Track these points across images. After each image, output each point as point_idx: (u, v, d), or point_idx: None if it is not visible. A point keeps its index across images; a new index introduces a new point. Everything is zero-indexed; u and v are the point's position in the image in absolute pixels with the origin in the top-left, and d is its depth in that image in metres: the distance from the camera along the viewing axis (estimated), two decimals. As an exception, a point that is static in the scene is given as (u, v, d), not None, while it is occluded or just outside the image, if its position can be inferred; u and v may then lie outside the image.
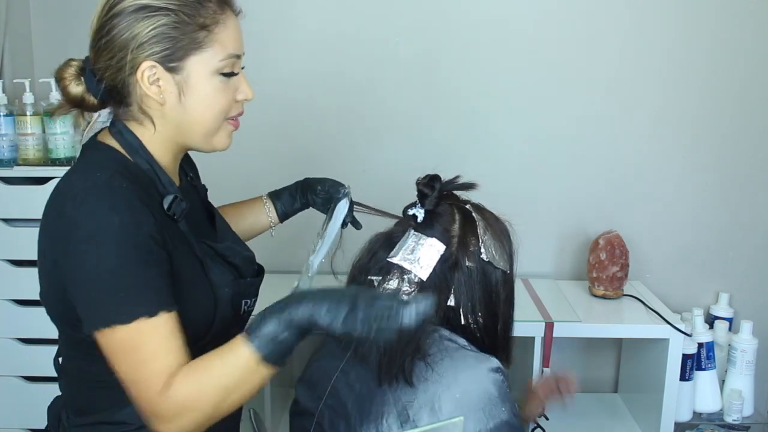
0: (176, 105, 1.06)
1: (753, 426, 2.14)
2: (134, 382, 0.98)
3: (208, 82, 1.05)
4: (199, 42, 1.03)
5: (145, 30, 1.01)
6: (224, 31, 1.06)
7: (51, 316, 1.12)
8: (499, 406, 1.12)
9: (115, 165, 1.05)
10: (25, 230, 1.86)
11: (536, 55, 2.22)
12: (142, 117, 1.08)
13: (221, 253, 1.15)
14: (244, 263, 1.20)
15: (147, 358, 0.97)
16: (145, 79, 1.03)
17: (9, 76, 2.06)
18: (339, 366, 1.23)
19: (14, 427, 1.97)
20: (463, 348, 1.17)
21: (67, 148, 1.85)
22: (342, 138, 2.27)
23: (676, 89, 2.24)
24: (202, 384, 0.96)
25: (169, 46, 1.02)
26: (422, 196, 1.24)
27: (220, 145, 1.12)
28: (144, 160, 1.08)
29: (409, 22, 2.21)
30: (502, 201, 1.30)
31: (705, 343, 2.11)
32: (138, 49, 1.02)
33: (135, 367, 0.97)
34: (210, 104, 1.06)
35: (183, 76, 1.04)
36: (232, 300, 1.14)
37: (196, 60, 1.04)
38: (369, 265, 1.22)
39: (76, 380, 1.15)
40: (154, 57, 1.02)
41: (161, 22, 1.01)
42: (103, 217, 0.97)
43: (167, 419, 0.96)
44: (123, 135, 1.08)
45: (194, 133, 1.09)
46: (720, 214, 2.31)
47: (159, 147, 1.10)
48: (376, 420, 1.14)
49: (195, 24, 1.03)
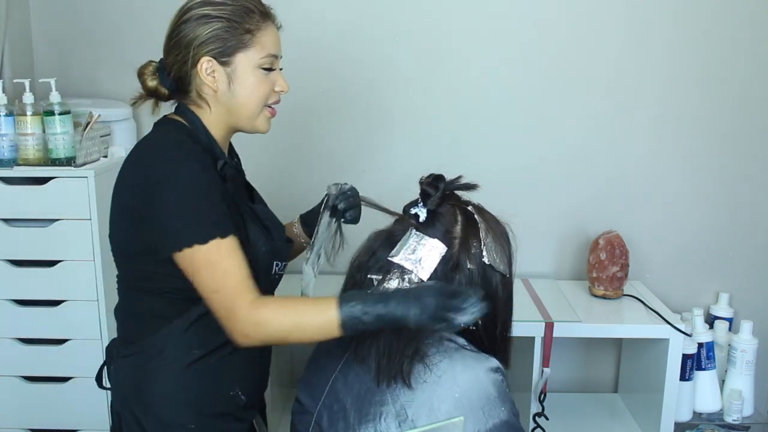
0: (226, 91, 1.32)
1: (753, 426, 2.14)
2: (221, 291, 1.19)
3: (251, 73, 1.31)
4: (245, 42, 1.30)
5: (204, 32, 1.28)
6: (265, 35, 1.32)
7: (117, 256, 1.34)
8: (498, 406, 1.12)
9: (182, 131, 1.32)
10: (25, 230, 1.86)
11: (536, 56, 2.22)
12: (200, 101, 1.34)
13: (258, 214, 1.37)
14: (275, 227, 1.41)
15: (228, 270, 1.19)
16: (203, 71, 1.30)
17: (9, 76, 2.06)
18: (338, 366, 1.24)
19: (14, 427, 1.97)
20: (463, 348, 1.17)
21: (67, 148, 1.85)
22: (342, 138, 2.27)
23: (676, 90, 2.24)
24: (288, 315, 1.18)
25: (221, 45, 1.29)
26: (425, 195, 1.24)
27: (262, 127, 1.38)
28: (202, 133, 1.33)
29: (409, 22, 2.21)
30: (503, 201, 1.30)
31: (705, 343, 2.12)
32: (198, 47, 1.29)
33: (219, 278, 1.19)
34: (252, 91, 1.32)
35: (232, 68, 1.30)
36: (264, 258, 1.34)
37: (242, 56, 1.30)
38: (368, 264, 1.22)
39: (123, 316, 1.38)
40: (211, 53, 1.29)
41: (216, 26, 1.28)
42: (178, 162, 1.23)
43: (249, 325, 1.18)
44: (186, 114, 1.34)
45: (241, 114, 1.34)
46: (720, 214, 2.31)
47: (213, 125, 1.35)
48: (375, 420, 1.14)
49: (242, 29, 1.29)
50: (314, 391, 1.26)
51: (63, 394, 1.94)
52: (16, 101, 1.89)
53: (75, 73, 2.23)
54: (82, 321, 1.89)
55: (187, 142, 1.27)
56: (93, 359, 1.81)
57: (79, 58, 2.23)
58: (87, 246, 1.85)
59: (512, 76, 2.24)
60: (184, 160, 1.23)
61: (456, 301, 1.10)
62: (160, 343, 1.30)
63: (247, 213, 1.34)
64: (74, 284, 1.87)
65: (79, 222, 1.84)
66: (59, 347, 1.91)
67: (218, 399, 1.34)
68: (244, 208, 1.34)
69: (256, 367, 1.41)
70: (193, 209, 1.21)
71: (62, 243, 1.85)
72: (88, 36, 2.23)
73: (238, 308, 1.18)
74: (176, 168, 1.22)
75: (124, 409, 1.35)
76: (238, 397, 1.36)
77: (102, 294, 1.87)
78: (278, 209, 1.50)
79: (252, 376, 1.40)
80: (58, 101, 1.84)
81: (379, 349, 1.16)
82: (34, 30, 2.23)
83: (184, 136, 1.29)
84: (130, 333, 1.36)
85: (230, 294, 1.19)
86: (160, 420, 1.31)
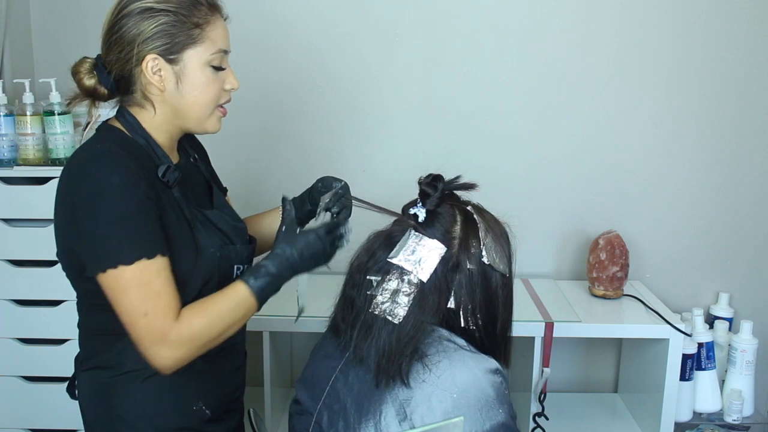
0: (174, 91, 1.24)
1: (753, 426, 2.14)
2: (144, 315, 1.14)
3: (201, 72, 1.24)
4: (194, 38, 1.22)
5: (149, 28, 1.19)
6: (214, 29, 1.24)
7: (66, 273, 1.28)
8: (495, 408, 1.12)
9: (114, 139, 1.23)
10: (25, 230, 1.86)
11: (536, 56, 2.22)
12: (145, 102, 1.25)
13: (210, 219, 1.31)
14: (233, 231, 1.35)
15: (154, 292, 1.15)
16: (148, 69, 1.21)
17: (9, 76, 2.06)
18: (337, 366, 1.24)
19: (14, 427, 1.97)
20: (462, 349, 1.17)
21: (67, 148, 1.85)
22: (342, 138, 2.27)
23: (676, 90, 2.24)
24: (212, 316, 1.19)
25: (169, 41, 1.20)
26: (424, 195, 1.24)
27: (211, 128, 1.30)
28: (141, 137, 1.25)
29: (409, 22, 2.21)
30: (502, 201, 1.30)
31: (705, 343, 2.12)
32: (143, 44, 1.20)
33: (144, 300, 1.14)
34: (203, 91, 1.25)
35: (180, 66, 1.22)
36: (220, 262, 1.29)
37: (191, 53, 1.22)
38: (368, 265, 1.22)
39: (81, 331, 1.33)
40: (157, 50, 1.20)
41: (162, 21, 1.19)
42: (102, 178, 1.15)
43: (177, 345, 1.16)
44: (125, 117, 1.26)
45: (189, 115, 1.27)
46: (720, 215, 2.31)
47: (157, 128, 1.27)
48: (375, 418, 1.14)
49: (190, 23, 1.21)
50: (314, 391, 1.26)
51: (63, 394, 1.93)
52: (16, 101, 1.89)
53: (75, 73, 2.22)
54: (82, 321, 1.89)
55: (117, 154, 1.18)
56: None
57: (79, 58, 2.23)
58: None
59: (512, 75, 2.23)
60: (107, 175, 1.15)
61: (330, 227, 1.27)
62: (115, 360, 1.26)
63: (197, 218, 1.28)
64: (74, 284, 1.87)
65: (79, 222, 1.83)
66: (59, 347, 1.91)
67: (179, 413, 1.30)
68: (193, 214, 1.27)
69: (222, 381, 1.37)
70: (118, 227, 1.14)
71: (62, 243, 1.85)
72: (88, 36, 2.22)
73: (169, 329, 1.15)
74: (99, 186, 1.15)
75: (88, 421, 1.33)
76: (202, 411, 1.32)
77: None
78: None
79: (219, 389, 1.36)
80: (58, 101, 1.85)
81: (379, 349, 1.16)
82: (34, 30, 2.23)
83: (116, 146, 1.20)
84: (88, 348, 1.32)
85: (162, 314, 1.15)
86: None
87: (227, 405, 1.39)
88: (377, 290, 1.18)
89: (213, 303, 1.21)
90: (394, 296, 1.18)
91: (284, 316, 1.88)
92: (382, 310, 1.17)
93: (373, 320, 1.18)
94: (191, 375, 1.27)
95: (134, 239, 1.15)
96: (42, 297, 1.90)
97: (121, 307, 1.16)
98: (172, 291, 1.17)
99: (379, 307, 1.17)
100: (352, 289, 1.24)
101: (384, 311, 1.17)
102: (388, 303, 1.17)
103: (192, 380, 1.29)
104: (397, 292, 1.17)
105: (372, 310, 1.18)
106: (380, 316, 1.17)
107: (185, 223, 1.25)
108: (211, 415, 1.33)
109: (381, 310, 1.17)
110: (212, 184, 1.43)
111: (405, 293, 1.17)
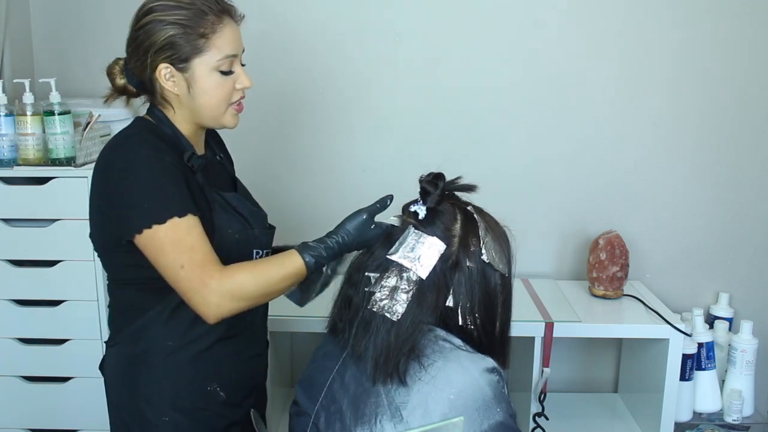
0: (187, 95, 1.34)
1: (753, 426, 2.14)
2: (181, 268, 1.23)
3: (209, 77, 1.33)
4: (200, 48, 1.31)
5: (160, 39, 1.30)
6: (221, 37, 1.32)
7: (99, 253, 1.39)
8: (493, 407, 1.12)
9: (144, 126, 1.36)
10: (25, 230, 1.86)
11: (537, 56, 2.22)
12: (165, 103, 1.38)
13: (230, 203, 1.40)
14: (252, 216, 1.44)
15: (187, 246, 1.23)
16: (162, 76, 1.33)
17: (9, 76, 2.06)
18: (335, 367, 1.23)
19: (14, 427, 1.97)
20: (458, 348, 1.17)
21: (67, 148, 1.85)
22: (342, 138, 2.27)
23: (676, 90, 2.24)
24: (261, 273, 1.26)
25: (177, 52, 1.30)
26: (425, 193, 1.24)
27: (228, 124, 1.41)
28: (168, 128, 1.37)
29: (409, 22, 2.21)
30: (503, 201, 1.31)
31: (705, 343, 2.11)
32: (155, 54, 1.31)
33: (179, 254, 1.23)
34: (213, 94, 1.35)
35: (189, 73, 1.33)
36: (238, 245, 1.37)
37: (198, 61, 1.32)
38: (367, 263, 1.22)
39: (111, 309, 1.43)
40: (168, 60, 1.31)
41: (170, 33, 1.29)
42: (133, 153, 1.28)
43: (218, 294, 1.22)
44: (153, 113, 1.39)
45: (204, 114, 1.37)
46: (720, 215, 2.31)
47: (179, 122, 1.39)
48: (370, 421, 1.14)
49: (196, 34, 1.30)
50: (312, 392, 1.26)
51: (63, 394, 1.94)
52: (16, 101, 1.89)
53: (75, 73, 2.22)
54: (81, 321, 1.89)
55: (145, 134, 1.32)
56: (93, 359, 1.80)
57: (79, 58, 2.23)
58: (87, 246, 1.81)
59: (512, 75, 2.23)
60: (137, 149, 1.28)
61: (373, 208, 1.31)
62: (137, 335, 1.35)
63: (216, 201, 1.37)
64: (74, 284, 1.87)
65: (79, 222, 1.83)
66: (59, 347, 1.91)
67: (195, 392, 1.37)
68: (214, 197, 1.37)
69: (238, 365, 1.42)
70: (149, 191, 1.25)
71: (62, 243, 1.85)
72: (88, 36, 2.23)
73: (210, 277, 1.22)
74: (129, 156, 1.28)
75: (110, 397, 1.41)
76: (217, 393, 1.38)
77: (102, 294, 1.86)
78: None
79: (235, 373, 1.41)
80: (58, 101, 1.84)
81: (377, 346, 1.16)
82: (34, 30, 2.24)
83: (146, 132, 1.33)
84: (115, 326, 1.41)
85: (199, 265, 1.23)
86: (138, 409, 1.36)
87: (244, 390, 1.44)
88: (376, 287, 1.18)
89: (263, 264, 1.28)
90: (392, 293, 1.18)
91: (285, 316, 1.88)
92: (380, 307, 1.17)
93: (371, 317, 1.18)
94: (209, 356, 1.36)
95: (165, 200, 1.25)
96: (42, 297, 1.90)
97: (161, 264, 1.25)
98: (206, 246, 1.25)
99: (377, 304, 1.17)
100: (350, 288, 1.24)
101: (382, 308, 1.17)
102: (387, 300, 1.17)
103: (209, 361, 1.37)
104: (396, 289, 1.18)
105: (370, 307, 1.18)
106: (378, 313, 1.17)
107: (205, 204, 1.34)
108: (226, 398, 1.39)
109: (379, 307, 1.17)
110: (236, 179, 1.54)
111: (404, 290, 1.17)
